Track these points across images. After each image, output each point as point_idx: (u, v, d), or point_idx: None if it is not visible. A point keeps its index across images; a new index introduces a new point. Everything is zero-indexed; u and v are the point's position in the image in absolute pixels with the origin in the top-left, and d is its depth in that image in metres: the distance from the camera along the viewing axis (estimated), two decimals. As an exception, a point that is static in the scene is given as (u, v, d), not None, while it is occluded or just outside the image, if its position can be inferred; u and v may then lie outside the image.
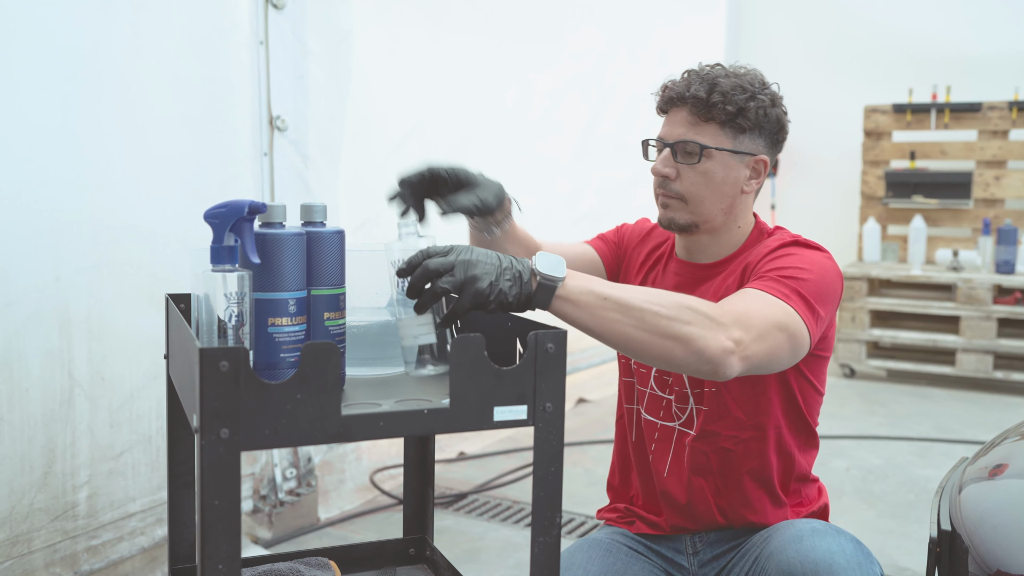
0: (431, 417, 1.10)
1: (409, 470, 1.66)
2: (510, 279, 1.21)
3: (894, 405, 4.72)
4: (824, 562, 1.37)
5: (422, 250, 1.23)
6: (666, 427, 1.66)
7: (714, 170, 1.58)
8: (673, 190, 1.60)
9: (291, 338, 1.23)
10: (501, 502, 3.25)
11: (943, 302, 5.21)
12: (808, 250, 1.53)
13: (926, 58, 5.79)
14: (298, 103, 2.80)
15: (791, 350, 1.40)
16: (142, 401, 2.50)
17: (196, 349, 0.99)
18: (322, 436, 1.05)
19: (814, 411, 1.65)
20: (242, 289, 1.16)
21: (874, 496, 3.36)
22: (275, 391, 1.02)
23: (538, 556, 1.17)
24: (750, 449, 1.60)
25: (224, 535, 1.00)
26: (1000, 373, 5.04)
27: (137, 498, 2.52)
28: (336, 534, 2.93)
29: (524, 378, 1.13)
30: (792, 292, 1.42)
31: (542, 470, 1.16)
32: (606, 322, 1.26)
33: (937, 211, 5.60)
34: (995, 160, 5.46)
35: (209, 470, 0.99)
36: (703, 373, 1.31)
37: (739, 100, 1.55)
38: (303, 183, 2.82)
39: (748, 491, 1.62)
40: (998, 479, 1.73)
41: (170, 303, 1.40)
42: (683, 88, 1.59)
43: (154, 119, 2.46)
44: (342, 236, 1.30)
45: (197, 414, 1.00)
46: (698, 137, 1.58)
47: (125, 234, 2.41)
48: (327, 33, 2.88)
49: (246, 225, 1.15)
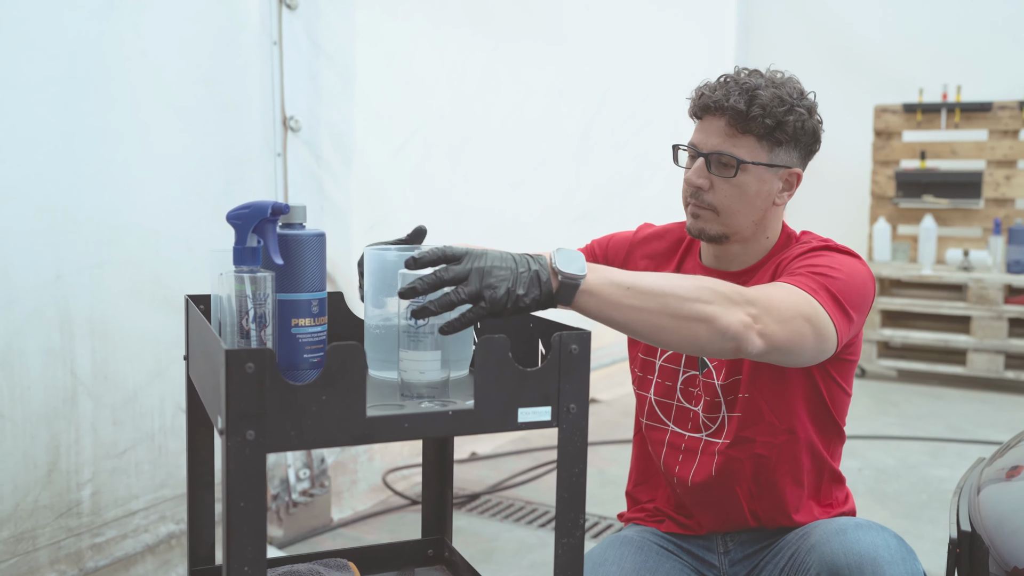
0: (455, 419, 1.10)
1: (428, 471, 1.65)
2: (527, 281, 1.16)
3: (906, 405, 4.70)
4: (868, 555, 1.36)
5: (438, 248, 1.14)
6: (693, 438, 1.64)
7: (748, 183, 1.55)
8: (705, 201, 1.57)
9: (314, 339, 1.23)
10: (514, 502, 3.24)
11: (954, 302, 5.20)
12: (840, 254, 1.52)
13: (936, 57, 5.77)
14: (311, 103, 2.80)
15: (816, 340, 1.38)
16: (145, 399, 2.52)
17: (222, 351, 0.99)
18: (347, 438, 1.04)
19: (842, 412, 1.65)
20: (265, 290, 1.16)
21: (887, 496, 3.35)
22: (300, 392, 1.01)
23: (562, 557, 1.16)
24: (783, 453, 1.60)
25: (250, 537, 1.00)
26: (1011, 373, 5.03)
27: (140, 495, 2.53)
28: (349, 535, 2.93)
29: (548, 379, 1.13)
30: (820, 288, 1.42)
31: (566, 471, 1.15)
32: (631, 311, 1.23)
33: (947, 211, 5.58)
34: (1006, 160, 5.44)
35: (235, 472, 0.99)
36: (727, 352, 1.30)
37: (778, 113, 1.52)
38: (317, 183, 2.82)
39: (782, 494, 1.61)
40: (1016, 480, 1.72)
41: (190, 304, 1.40)
42: (722, 97, 1.54)
43: (157, 118, 2.47)
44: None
45: (223, 416, 0.99)
46: (734, 150, 1.54)
47: (127, 233, 2.42)
48: (339, 33, 2.88)
49: (269, 226, 1.15)
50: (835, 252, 1.53)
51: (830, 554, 1.39)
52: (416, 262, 1.13)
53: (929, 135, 5.67)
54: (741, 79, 1.55)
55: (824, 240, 1.59)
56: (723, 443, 1.61)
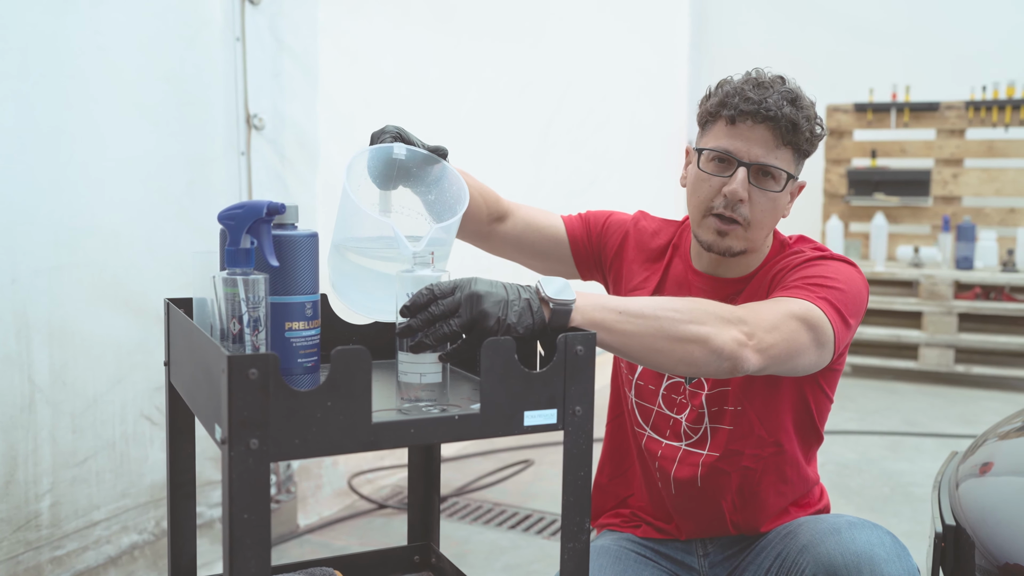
0: (462, 423, 1.07)
1: (413, 475, 1.62)
2: (518, 310, 1.15)
3: (862, 400, 4.77)
4: (866, 554, 1.36)
5: (427, 288, 1.14)
6: (671, 447, 1.62)
7: (781, 197, 1.51)
8: (742, 214, 1.50)
9: (308, 343, 1.19)
10: (482, 504, 3.21)
11: (906, 298, 5.29)
12: (835, 262, 1.51)
13: (887, 58, 5.88)
14: (275, 101, 2.74)
15: (814, 343, 1.38)
16: (105, 406, 2.44)
17: (223, 356, 0.95)
18: (353, 445, 1.01)
19: (824, 419, 1.64)
20: (259, 293, 1.11)
21: (851, 491, 3.39)
22: (305, 399, 0.98)
23: (568, 562, 1.14)
24: (769, 465, 1.58)
25: (254, 549, 0.96)
26: (961, 367, 5.13)
27: (102, 506, 2.45)
28: (317, 541, 2.88)
29: (554, 381, 1.11)
30: (818, 297, 1.41)
31: (572, 475, 1.13)
32: (625, 336, 1.23)
33: (898, 208, 5.68)
34: (953, 158, 5.55)
35: (238, 482, 0.95)
36: (724, 371, 1.30)
37: (815, 127, 1.50)
38: (281, 183, 2.76)
39: (764, 505, 1.60)
40: (995, 475, 1.74)
41: (171, 307, 1.35)
42: (773, 105, 1.45)
43: (117, 117, 2.39)
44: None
45: (225, 425, 0.95)
46: (777, 162, 1.48)
47: (87, 235, 2.34)
48: (302, 29, 2.82)
49: (264, 227, 1.11)
50: (831, 260, 1.52)
51: (826, 554, 1.39)
52: (409, 310, 1.14)
53: (880, 134, 5.78)
54: (776, 83, 1.49)
55: (818, 248, 1.57)
56: (710, 455, 1.58)
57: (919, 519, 3.08)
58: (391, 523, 3.04)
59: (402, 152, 1.34)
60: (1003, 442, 1.89)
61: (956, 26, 5.87)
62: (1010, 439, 1.90)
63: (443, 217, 1.37)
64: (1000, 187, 5.48)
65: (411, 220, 1.40)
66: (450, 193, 1.38)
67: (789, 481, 1.62)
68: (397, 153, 1.34)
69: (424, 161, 1.39)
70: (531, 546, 2.87)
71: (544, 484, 3.41)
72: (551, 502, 3.19)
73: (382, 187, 1.36)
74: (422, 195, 1.41)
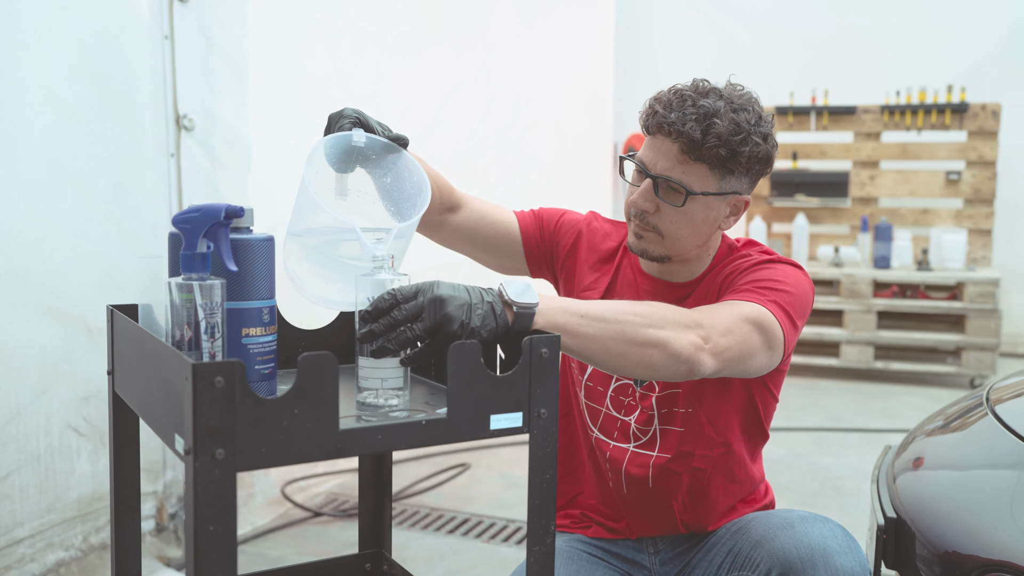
0: (429, 428, 1.06)
1: (364, 482, 1.59)
2: (482, 314, 1.15)
3: (788, 397, 4.88)
4: (819, 547, 1.38)
5: (389, 293, 1.12)
6: (619, 448, 1.62)
7: (696, 211, 1.49)
8: (650, 224, 1.51)
9: (265, 349, 1.16)
10: (419, 510, 3.19)
11: (827, 296, 5.43)
12: (783, 265, 1.54)
13: (807, 61, 6.04)
14: (205, 101, 2.67)
15: (765, 345, 1.41)
16: (29, 418, 2.35)
17: (187, 364, 0.92)
18: (319, 453, 0.99)
19: (770, 418, 1.67)
20: (216, 298, 1.08)
21: (782, 486, 3.46)
22: (272, 407, 0.95)
23: (534, 566, 1.13)
24: (718, 466, 1.60)
25: (220, 563, 0.93)
26: (880, 363, 5.29)
27: (26, 522, 2.36)
28: (252, 552, 2.81)
29: (520, 384, 1.10)
30: (767, 300, 1.44)
31: (537, 478, 1.12)
32: (587, 339, 1.24)
33: (818, 209, 5.83)
34: (869, 160, 5.73)
35: (203, 494, 0.92)
36: (680, 375, 1.31)
37: (734, 143, 1.44)
38: (212, 185, 2.69)
39: (714, 504, 1.63)
40: (930, 470, 1.79)
41: (115, 314, 1.30)
42: (677, 120, 1.44)
43: (39, 118, 2.31)
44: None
45: (189, 435, 0.92)
46: (684, 177, 1.47)
47: (9, 240, 2.26)
48: (232, 28, 2.75)
49: (222, 231, 1.07)
50: (779, 264, 1.54)
51: (780, 549, 1.41)
52: (371, 315, 1.12)
53: (800, 136, 5.92)
54: (698, 100, 1.46)
55: (766, 251, 1.60)
56: (661, 456, 1.60)
57: (848, 512, 3.17)
58: (327, 531, 2.99)
59: (361, 140, 1.33)
60: (932, 438, 1.95)
61: (872, 32, 6.07)
62: (937, 435, 1.96)
63: (399, 204, 1.36)
64: (914, 188, 5.67)
65: (366, 204, 1.38)
66: (409, 183, 1.37)
67: (737, 480, 1.65)
68: (356, 141, 1.32)
69: (384, 149, 1.38)
70: (471, 550, 2.85)
71: (481, 488, 3.39)
72: (489, 506, 3.18)
73: (339, 170, 1.35)
74: (377, 177, 1.40)
